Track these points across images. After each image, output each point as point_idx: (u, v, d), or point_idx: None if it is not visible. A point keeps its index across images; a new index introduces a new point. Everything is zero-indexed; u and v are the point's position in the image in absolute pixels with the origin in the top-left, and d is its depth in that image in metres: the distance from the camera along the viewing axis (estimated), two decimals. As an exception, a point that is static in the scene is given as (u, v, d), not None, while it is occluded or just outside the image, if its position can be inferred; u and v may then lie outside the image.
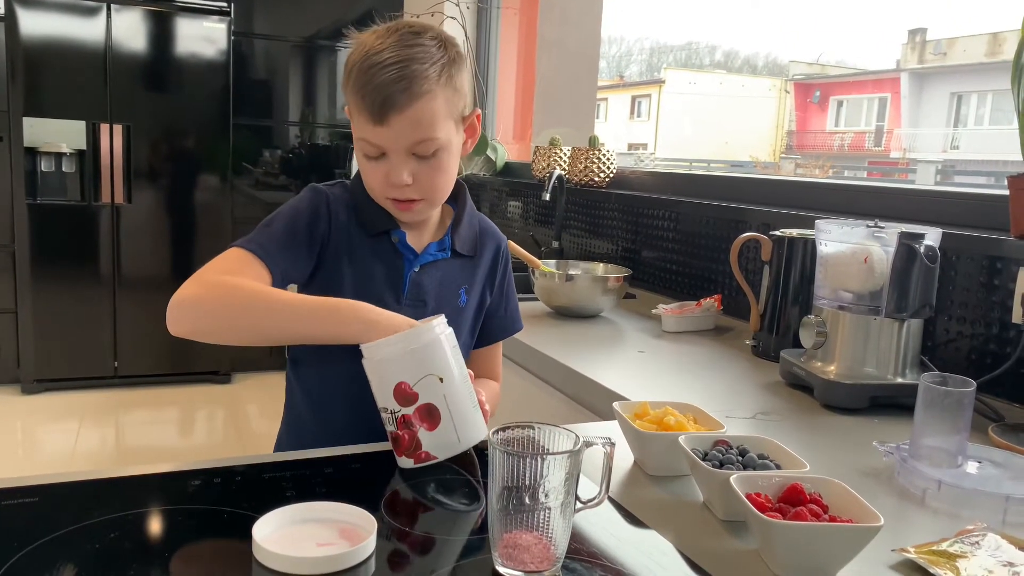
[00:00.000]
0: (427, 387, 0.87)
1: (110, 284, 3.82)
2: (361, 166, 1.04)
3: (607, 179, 2.54)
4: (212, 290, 0.94)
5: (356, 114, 0.99)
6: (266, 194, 4.21)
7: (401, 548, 0.74)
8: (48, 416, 3.56)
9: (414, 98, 0.96)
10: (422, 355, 0.87)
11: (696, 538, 0.79)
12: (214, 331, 0.95)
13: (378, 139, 0.98)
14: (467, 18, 3.62)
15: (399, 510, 0.80)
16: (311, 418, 1.12)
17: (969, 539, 0.78)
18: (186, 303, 0.93)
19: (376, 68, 0.95)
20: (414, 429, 0.87)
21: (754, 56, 30.53)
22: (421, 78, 0.96)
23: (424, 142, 0.99)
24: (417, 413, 0.87)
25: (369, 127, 0.98)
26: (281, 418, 1.18)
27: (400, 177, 0.99)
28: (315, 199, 1.06)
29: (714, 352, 1.60)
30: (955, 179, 13.75)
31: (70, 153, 3.66)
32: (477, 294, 1.14)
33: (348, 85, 0.99)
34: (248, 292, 0.94)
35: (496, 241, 1.18)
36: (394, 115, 0.96)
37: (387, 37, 0.98)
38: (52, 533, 0.72)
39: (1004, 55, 13.08)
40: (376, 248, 1.07)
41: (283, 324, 0.93)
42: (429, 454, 0.88)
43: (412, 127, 0.97)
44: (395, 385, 0.87)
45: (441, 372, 0.87)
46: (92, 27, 3.62)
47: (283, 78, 4.30)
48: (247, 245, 0.99)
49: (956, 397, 0.93)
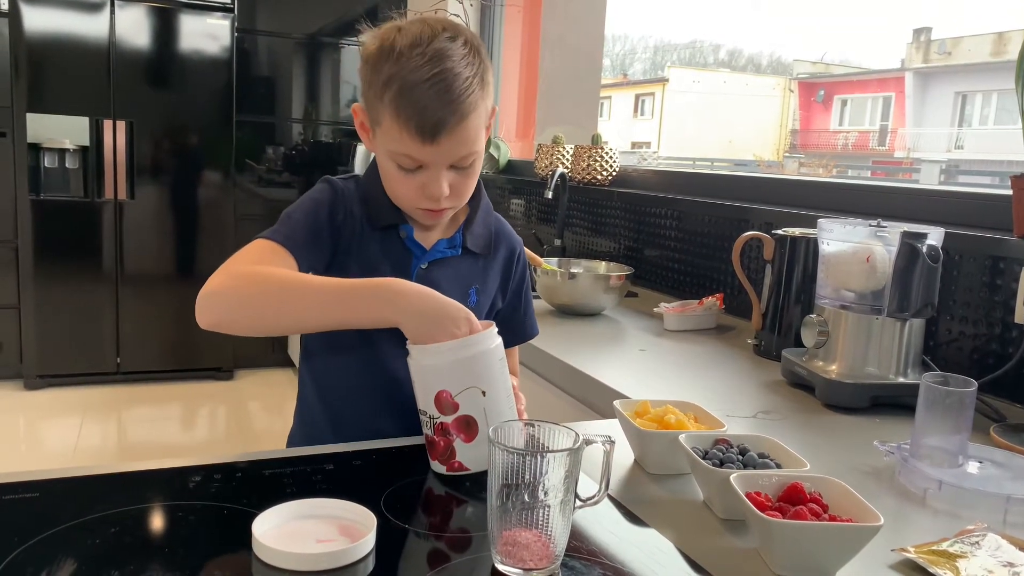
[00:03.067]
0: (469, 399, 0.85)
1: (113, 280, 3.82)
2: (391, 176, 1.00)
3: (610, 177, 2.54)
4: (246, 279, 0.93)
5: (396, 130, 0.95)
6: (269, 191, 4.21)
7: (400, 545, 0.74)
8: (50, 412, 3.56)
9: (463, 118, 0.94)
10: (469, 366, 0.85)
11: (696, 537, 0.79)
12: (249, 320, 0.94)
13: (423, 156, 0.96)
14: (470, 16, 3.62)
15: (399, 507, 0.80)
16: (321, 411, 1.11)
17: (969, 539, 0.78)
18: (219, 293, 0.92)
19: (423, 87, 0.92)
20: (450, 438, 0.86)
21: (758, 55, 30.50)
22: (467, 95, 0.93)
23: (466, 156, 0.98)
24: (456, 423, 0.86)
25: (415, 145, 0.94)
26: (289, 415, 1.18)
27: (440, 190, 0.97)
28: (332, 192, 1.05)
29: (715, 351, 1.60)
30: (959, 179, 13.72)
31: (73, 149, 3.66)
32: (488, 295, 1.12)
33: (383, 98, 0.94)
34: (283, 279, 0.93)
35: (511, 244, 1.16)
36: (444, 136, 0.94)
37: (424, 46, 0.93)
38: (53, 528, 0.72)
39: (1009, 55, 13.04)
40: (384, 242, 1.06)
41: (323, 308, 0.91)
42: (462, 464, 0.87)
43: (459, 144, 0.96)
44: (437, 392, 0.86)
45: (485, 385, 0.86)
46: (96, 23, 3.62)
47: (286, 75, 4.30)
48: (273, 236, 0.98)
49: (958, 397, 0.93)
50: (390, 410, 1.05)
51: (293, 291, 0.92)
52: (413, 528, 0.77)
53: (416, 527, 0.77)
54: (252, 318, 0.94)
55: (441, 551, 0.75)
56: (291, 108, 4.30)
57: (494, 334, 0.89)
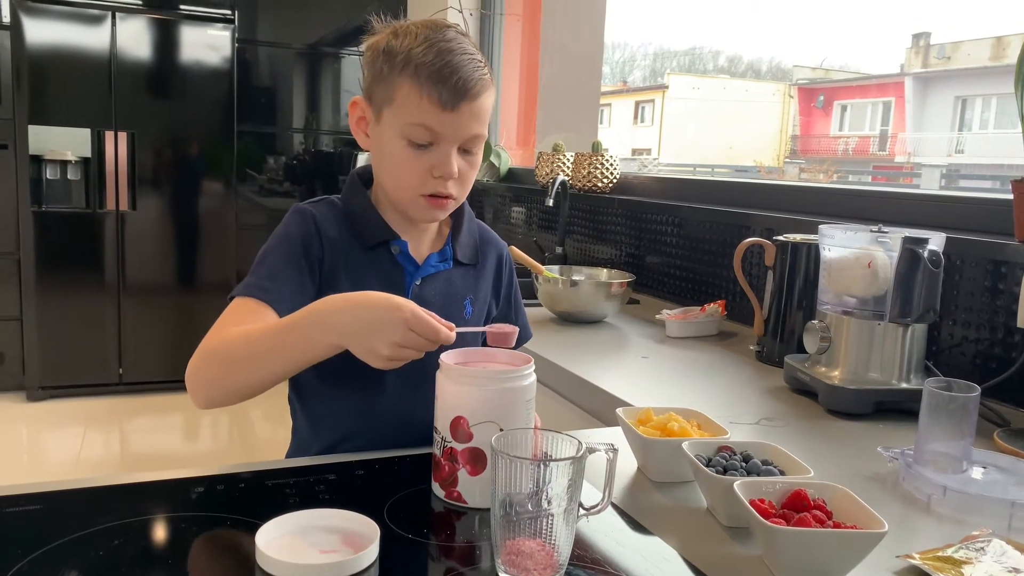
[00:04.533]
0: (484, 432, 0.81)
1: (115, 291, 3.83)
2: (398, 159, 0.99)
3: (610, 184, 2.54)
4: (205, 358, 0.93)
5: (415, 99, 0.95)
6: (270, 200, 4.21)
7: (404, 555, 0.74)
8: (53, 423, 3.56)
9: (480, 92, 0.97)
10: (494, 400, 0.82)
11: (700, 544, 0.79)
12: (225, 396, 0.94)
13: (442, 125, 0.96)
14: (470, 25, 3.63)
15: (402, 517, 0.80)
16: (317, 445, 1.07)
17: (974, 545, 0.78)
18: (191, 378, 0.94)
19: (450, 54, 0.94)
20: (456, 466, 0.83)
21: (758, 61, 30.56)
22: (484, 73, 0.97)
23: (476, 137, 0.99)
24: (465, 453, 0.83)
25: (435, 112, 0.94)
26: (290, 427, 1.16)
27: (451, 168, 0.97)
28: (302, 221, 1.02)
29: (718, 357, 1.60)
30: (960, 183, 13.72)
31: (75, 161, 3.67)
32: (482, 304, 1.12)
33: (402, 72, 0.95)
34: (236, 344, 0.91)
35: (498, 249, 1.16)
36: (465, 103, 0.95)
37: (438, 30, 0.97)
38: (56, 540, 0.72)
39: (1008, 59, 13.07)
40: (374, 261, 1.03)
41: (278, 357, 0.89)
42: (461, 496, 0.84)
43: (474, 119, 0.97)
44: (455, 417, 0.83)
45: (505, 423, 0.82)
46: (97, 35, 3.64)
47: (287, 85, 4.31)
48: (246, 292, 0.96)
49: (961, 402, 0.93)
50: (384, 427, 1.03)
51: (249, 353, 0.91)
52: (416, 538, 0.77)
53: (419, 537, 0.77)
54: (230, 391, 0.94)
55: (444, 561, 0.74)
56: (292, 118, 4.31)
57: (528, 372, 0.85)
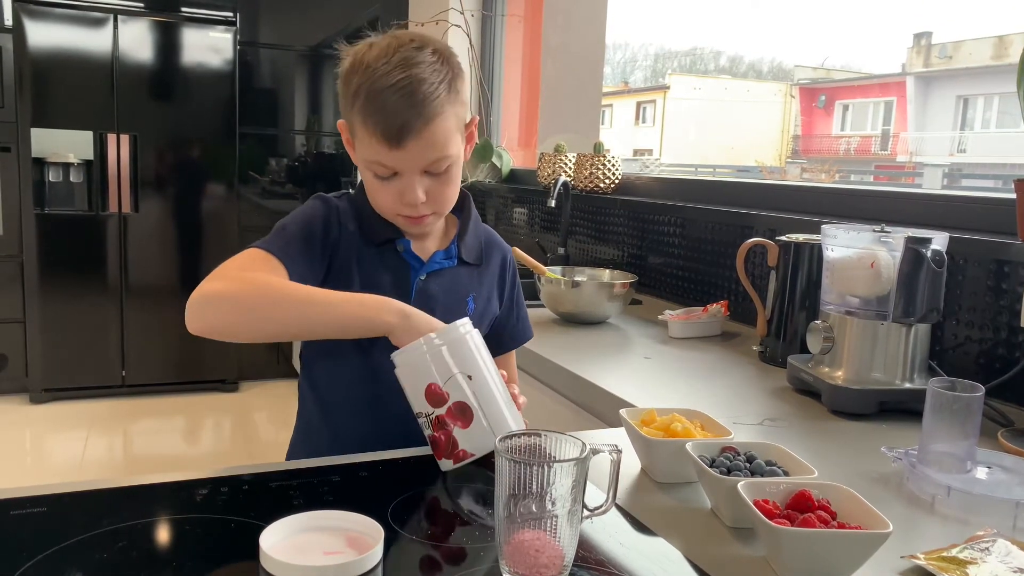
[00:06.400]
0: (456, 386, 0.88)
1: (117, 293, 3.83)
2: (370, 186, 1.04)
3: (612, 185, 2.54)
4: (240, 284, 0.94)
5: (366, 137, 0.98)
6: (272, 202, 4.22)
7: (408, 557, 0.74)
8: (56, 425, 3.57)
9: (429, 120, 0.96)
10: (449, 355, 0.89)
11: (704, 545, 0.79)
12: (242, 325, 0.94)
13: (393, 162, 0.98)
14: (471, 26, 3.63)
15: (406, 518, 0.80)
16: (322, 424, 1.12)
17: (979, 545, 0.77)
18: (213, 298, 0.92)
19: (387, 92, 0.94)
20: (449, 429, 0.88)
21: (759, 61, 30.52)
22: (432, 99, 0.96)
23: (438, 160, 1.00)
24: (449, 412, 0.88)
25: (384, 151, 0.97)
26: (293, 427, 1.18)
27: (415, 196, 1.00)
28: (325, 208, 1.06)
29: (721, 358, 1.60)
30: (962, 182, 13.69)
31: (77, 163, 3.68)
32: (485, 302, 1.15)
33: (354, 108, 0.98)
34: (277, 285, 0.94)
35: (502, 251, 1.19)
36: (411, 140, 0.96)
37: (390, 55, 0.96)
38: (60, 543, 0.72)
39: (1010, 58, 13.03)
40: (382, 258, 1.08)
41: (317, 314, 0.93)
42: (467, 452, 0.88)
43: (428, 148, 0.98)
44: (426, 387, 0.89)
45: (469, 370, 0.89)
46: (99, 38, 3.64)
47: (289, 87, 4.32)
48: (265, 246, 0.99)
49: (965, 402, 0.93)
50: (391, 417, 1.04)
51: (288, 298, 0.93)
52: (420, 539, 0.77)
53: (423, 538, 0.77)
54: (247, 323, 0.95)
55: (448, 562, 0.74)
56: (294, 120, 4.32)
57: (467, 322, 0.92)
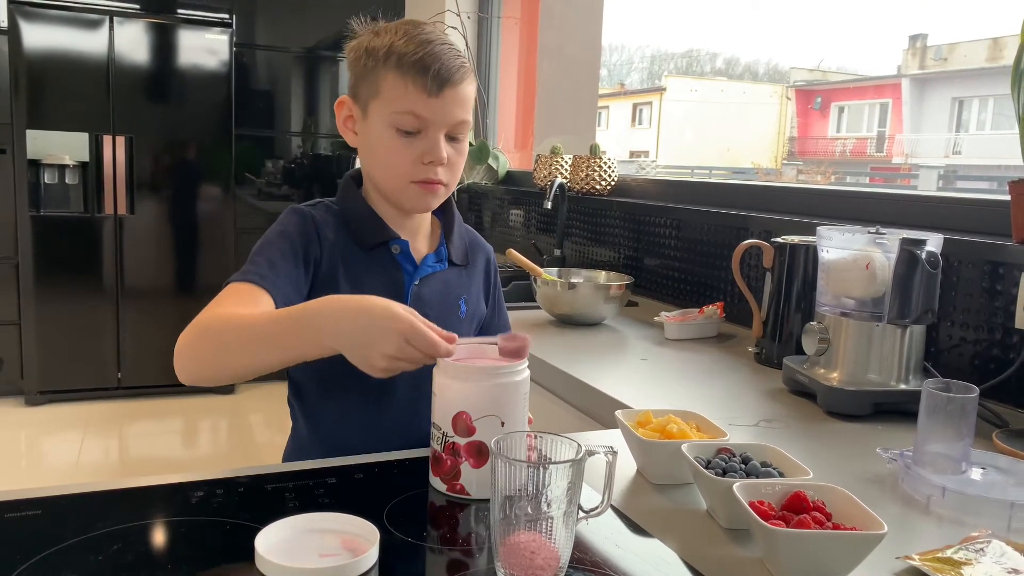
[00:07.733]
0: (487, 427, 0.84)
1: (113, 295, 3.83)
2: (389, 148, 1.01)
3: (608, 187, 2.54)
4: (198, 335, 0.92)
5: (400, 88, 0.98)
6: (269, 204, 4.21)
7: (404, 559, 0.74)
8: (51, 427, 3.56)
9: (464, 77, 1.00)
10: (495, 395, 0.84)
11: (699, 546, 0.79)
12: (212, 376, 0.93)
13: (428, 111, 0.99)
14: (468, 28, 3.63)
15: (402, 520, 0.80)
16: (317, 448, 1.08)
17: (974, 546, 0.78)
18: (179, 353, 0.93)
19: (428, 45, 0.98)
20: (459, 460, 0.85)
21: (755, 63, 30.57)
22: (464, 62, 1.01)
23: (462, 123, 1.02)
24: (468, 447, 0.85)
25: (421, 99, 0.98)
26: (289, 430, 1.17)
27: (440, 153, 1.00)
28: (301, 220, 1.04)
29: (716, 359, 1.60)
30: (957, 184, 13.72)
31: (73, 165, 3.67)
32: (475, 303, 1.15)
33: (386, 63, 0.98)
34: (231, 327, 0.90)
35: (485, 251, 1.20)
36: (449, 89, 0.98)
37: (419, 25, 1.01)
38: (55, 545, 0.72)
39: (1004, 60, 13.08)
40: (373, 263, 1.05)
41: (269, 347, 0.88)
42: (464, 489, 0.86)
43: (459, 104, 1.00)
44: (457, 412, 0.84)
45: (506, 417, 0.85)
46: (95, 39, 3.64)
47: (285, 89, 4.31)
48: (244, 277, 0.97)
49: (959, 403, 0.93)
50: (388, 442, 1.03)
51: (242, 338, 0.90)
52: (416, 541, 0.77)
53: (419, 540, 0.77)
54: (217, 371, 0.93)
55: (444, 564, 0.74)
56: (290, 122, 4.31)
57: (524, 367, 0.87)
